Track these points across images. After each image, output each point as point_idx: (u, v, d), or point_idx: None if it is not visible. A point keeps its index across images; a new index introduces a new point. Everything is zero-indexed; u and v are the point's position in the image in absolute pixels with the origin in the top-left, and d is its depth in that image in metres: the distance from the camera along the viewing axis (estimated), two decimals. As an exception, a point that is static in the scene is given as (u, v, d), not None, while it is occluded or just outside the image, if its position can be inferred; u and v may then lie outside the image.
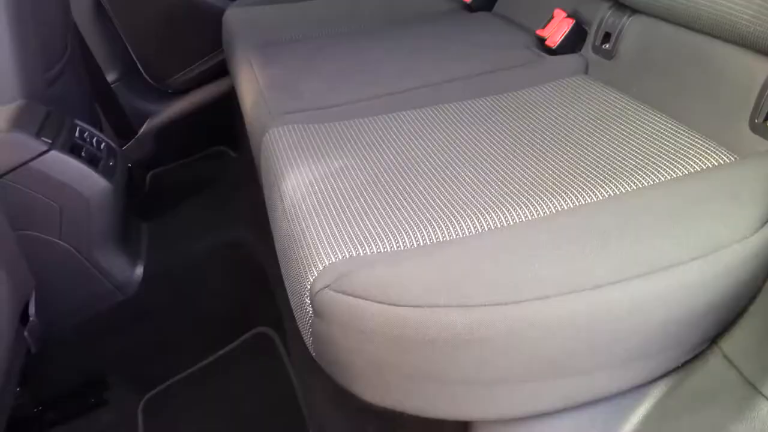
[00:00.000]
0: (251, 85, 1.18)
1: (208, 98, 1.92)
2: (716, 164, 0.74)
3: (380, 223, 0.69)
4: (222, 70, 1.84)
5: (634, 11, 0.99)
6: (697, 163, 0.74)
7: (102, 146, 1.22)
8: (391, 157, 0.83)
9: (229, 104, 1.78)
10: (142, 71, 1.87)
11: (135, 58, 1.84)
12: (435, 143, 0.86)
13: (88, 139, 1.19)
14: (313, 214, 0.72)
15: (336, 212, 0.72)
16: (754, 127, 0.76)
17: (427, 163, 0.81)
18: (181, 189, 1.75)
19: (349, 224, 0.69)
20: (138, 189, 1.76)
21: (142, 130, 1.86)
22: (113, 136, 1.83)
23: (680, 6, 0.85)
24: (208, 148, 1.95)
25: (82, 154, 1.14)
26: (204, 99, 1.92)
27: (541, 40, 1.13)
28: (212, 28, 1.76)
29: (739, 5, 0.75)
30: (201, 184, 1.70)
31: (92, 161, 1.15)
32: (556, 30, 1.09)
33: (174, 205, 1.61)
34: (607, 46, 1.03)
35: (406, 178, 0.78)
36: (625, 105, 0.91)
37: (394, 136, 0.89)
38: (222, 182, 1.69)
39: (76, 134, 1.18)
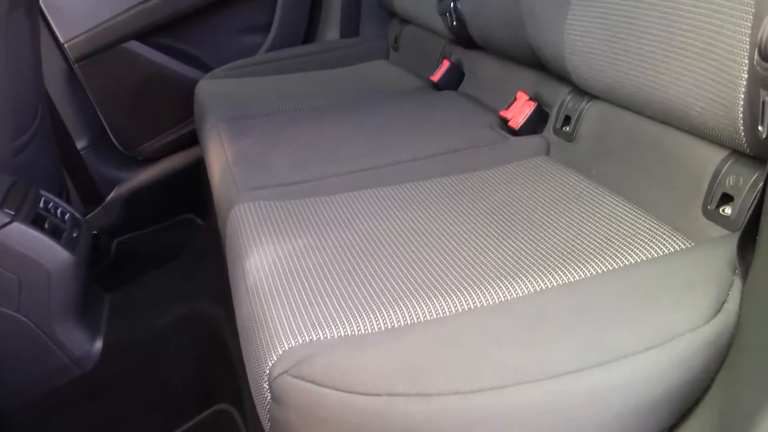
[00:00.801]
0: (219, 158, 1.19)
1: (177, 166, 1.93)
2: (671, 250, 0.76)
3: (342, 306, 0.69)
4: (192, 139, 1.85)
5: (592, 97, 1.03)
6: (653, 249, 0.76)
7: (66, 217, 1.21)
8: (356, 236, 0.84)
9: (197, 172, 1.79)
10: (113, 138, 1.87)
11: (106, 126, 1.85)
12: (399, 223, 0.87)
13: (52, 210, 1.18)
14: (275, 295, 0.72)
15: (298, 293, 0.71)
16: (707, 213, 0.78)
17: (390, 243, 0.82)
18: (147, 258, 1.73)
19: (311, 306, 0.69)
20: (102, 257, 1.74)
21: (109, 197, 1.86)
22: (80, 204, 1.81)
23: (635, 95, 0.89)
24: (176, 216, 1.94)
25: (46, 225, 1.13)
26: (173, 167, 1.92)
27: (505, 121, 1.16)
28: (184, 98, 1.79)
29: (690, 97, 0.78)
30: (167, 254, 1.68)
31: (55, 233, 1.14)
32: (519, 112, 1.13)
33: (138, 274, 1.59)
34: (568, 128, 1.06)
35: (370, 258, 0.78)
36: (584, 187, 0.93)
37: (360, 215, 0.90)
38: (188, 252, 1.68)
39: (41, 204, 1.17)
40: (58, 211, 1.20)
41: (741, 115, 0.71)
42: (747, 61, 0.68)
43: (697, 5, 0.75)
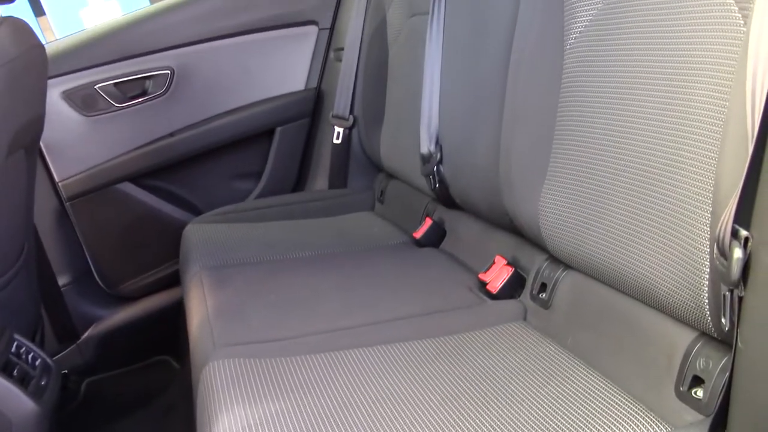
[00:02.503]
0: (200, 308, 1.19)
1: (158, 306, 1.92)
2: (645, 433, 0.75)
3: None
4: (175, 279, 1.86)
5: (568, 266, 1.06)
6: (628, 430, 0.75)
7: (37, 363, 1.19)
8: (330, 402, 0.83)
9: (177, 313, 1.78)
10: (96, 276, 1.88)
11: (90, 263, 1.86)
12: (375, 389, 0.86)
13: (23, 356, 1.16)
14: (242, 468, 0.70)
15: (265, 467, 0.70)
16: (679, 395, 0.79)
17: (365, 412, 0.81)
18: (117, 402, 1.68)
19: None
20: (70, 399, 1.69)
21: (85, 335, 1.83)
22: (54, 341, 1.78)
23: (606, 268, 0.92)
24: (151, 357, 1.91)
25: (14, 372, 1.10)
26: (153, 306, 1.92)
27: (483, 284, 1.18)
28: (171, 238, 1.82)
29: (657, 277, 0.81)
30: (138, 399, 1.64)
31: (23, 380, 1.11)
32: (497, 276, 1.15)
33: (106, 420, 1.54)
34: (544, 295, 1.08)
35: (342, 429, 0.77)
36: (560, 359, 0.94)
37: (335, 379, 0.89)
38: (160, 398, 1.64)
39: (12, 349, 1.15)
40: (30, 356, 1.18)
41: (707, 301, 0.73)
42: (709, 252, 0.72)
43: (664, 190, 0.80)
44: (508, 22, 1.14)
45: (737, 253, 0.60)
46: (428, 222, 1.48)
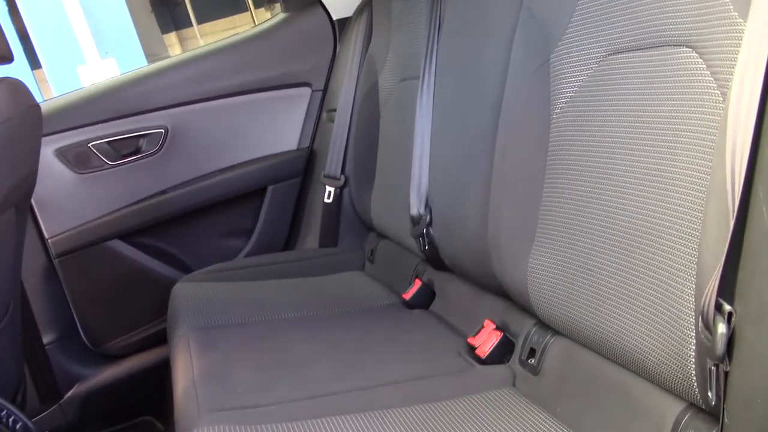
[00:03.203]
0: (186, 371, 1.17)
1: (143, 365, 1.89)
2: None
3: None
4: (162, 338, 1.84)
5: (556, 332, 1.06)
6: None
7: (18, 426, 1.16)
8: (314, 473, 0.82)
9: (163, 373, 1.75)
10: (81, 334, 1.85)
11: (76, 321, 1.84)
12: (360, 459, 0.85)
13: (3, 419, 1.14)
14: None
15: None
16: (670, 470, 0.78)
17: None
18: (97, 467, 1.64)
19: None
20: (50, 462, 1.65)
21: (68, 394, 1.80)
22: (36, 401, 1.75)
23: (595, 335, 0.91)
24: (135, 418, 1.87)
25: (-7, 437, 1.08)
26: (139, 365, 1.89)
27: (472, 348, 1.18)
28: (159, 297, 1.80)
29: (645, 346, 0.81)
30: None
31: (2, 445, 1.09)
32: (486, 340, 1.15)
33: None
34: (533, 361, 1.07)
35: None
36: (549, 428, 0.93)
37: (320, 448, 0.88)
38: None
39: (-8, 412, 1.13)
40: (10, 420, 1.16)
41: (694, 373, 0.73)
42: (694, 324, 0.72)
43: (649, 259, 0.80)
44: (497, 88, 1.17)
45: (721, 328, 0.61)
46: (418, 283, 1.48)
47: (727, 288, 0.63)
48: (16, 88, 1.34)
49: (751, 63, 0.64)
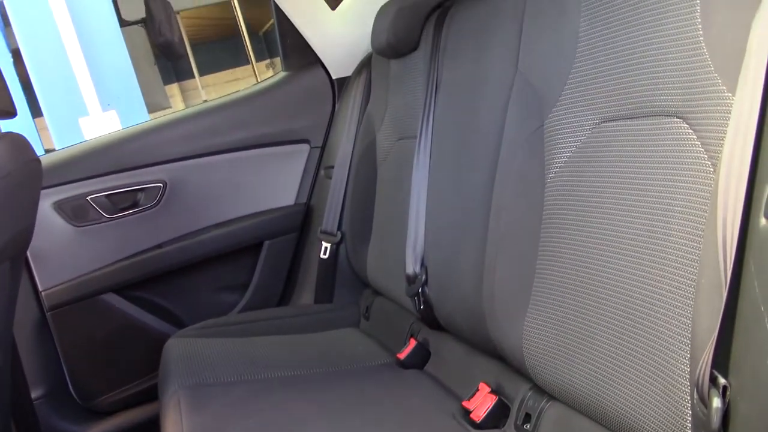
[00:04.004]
0: (175, 431, 1.15)
1: (133, 422, 1.86)
2: None
3: None
4: (153, 394, 1.81)
5: (552, 396, 1.04)
6: None
7: (0, 487, 1.13)
8: None
9: (152, 430, 1.72)
10: (71, 389, 1.83)
11: (66, 375, 1.82)
12: None
13: (-14, 479, 1.11)
14: None
15: None
16: None
17: None
18: None
19: None
20: None
21: (54, 452, 1.76)
22: (21, 457, 1.71)
23: (590, 402, 0.90)
24: (122, 478, 1.83)
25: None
26: (129, 422, 1.86)
27: (467, 411, 1.16)
28: (152, 351, 1.78)
29: (641, 416, 0.80)
30: None
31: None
32: (481, 404, 1.14)
33: None
34: (528, 426, 1.06)
35: None
36: (544, 497, 0.91)
37: None
38: None
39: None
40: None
41: (691, 446, 0.72)
42: (690, 395, 0.71)
43: (645, 327, 0.80)
44: (493, 150, 1.18)
45: (716, 402, 0.60)
46: (413, 343, 1.47)
47: (722, 360, 0.62)
48: (18, 142, 1.35)
49: (740, 136, 0.65)
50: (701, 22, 0.77)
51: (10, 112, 1.36)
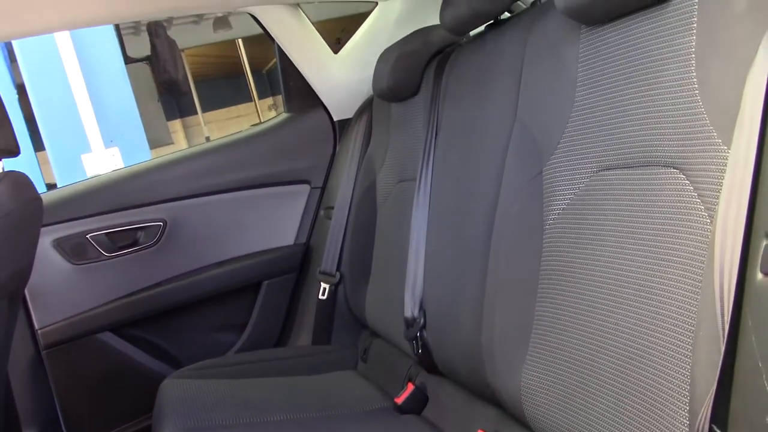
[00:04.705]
0: (168, 478, 1.14)
1: (127, 464, 1.83)
2: None
3: None
4: (147, 435, 1.79)
5: (548, 447, 1.03)
6: None
7: None
8: None
9: (146, 473, 1.69)
10: (63, 428, 1.80)
11: (60, 415, 1.79)
12: None
13: None
14: None
15: None
16: None
17: None
18: None
19: None
20: None
21: (45, 494, 1.73)
22: (11, 500, 1.68)
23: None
24: None
25: None
26: (122, 464, 1.83)
27: (465, 460, 1.15)
28: (147, 391, 1.76)
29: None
30: None
31: None
32: (479, 452, 1.12)
33: None
34: (527, 476, 1.04)
35: None
36: None
37: None
38: None
39: None
40: None
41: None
42: (690, 449, 0.71)
43: (644, 379, 0.80)
44: (492, 194, 1.19)
45: (716, 458, 0.60)
46: (410, 387, 1.45)
47: (721, 414, 0.62)
48: (19, 181, 1.36)
49: (735, 189, 0.66)
50: (696, 76, 0.79)
51: (13, 152, 1.37)
